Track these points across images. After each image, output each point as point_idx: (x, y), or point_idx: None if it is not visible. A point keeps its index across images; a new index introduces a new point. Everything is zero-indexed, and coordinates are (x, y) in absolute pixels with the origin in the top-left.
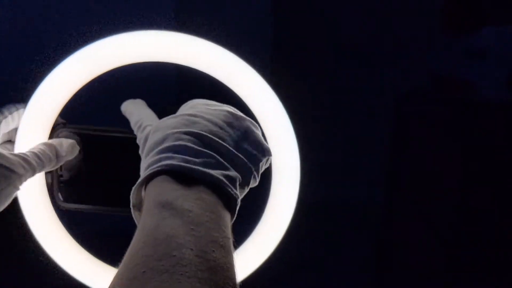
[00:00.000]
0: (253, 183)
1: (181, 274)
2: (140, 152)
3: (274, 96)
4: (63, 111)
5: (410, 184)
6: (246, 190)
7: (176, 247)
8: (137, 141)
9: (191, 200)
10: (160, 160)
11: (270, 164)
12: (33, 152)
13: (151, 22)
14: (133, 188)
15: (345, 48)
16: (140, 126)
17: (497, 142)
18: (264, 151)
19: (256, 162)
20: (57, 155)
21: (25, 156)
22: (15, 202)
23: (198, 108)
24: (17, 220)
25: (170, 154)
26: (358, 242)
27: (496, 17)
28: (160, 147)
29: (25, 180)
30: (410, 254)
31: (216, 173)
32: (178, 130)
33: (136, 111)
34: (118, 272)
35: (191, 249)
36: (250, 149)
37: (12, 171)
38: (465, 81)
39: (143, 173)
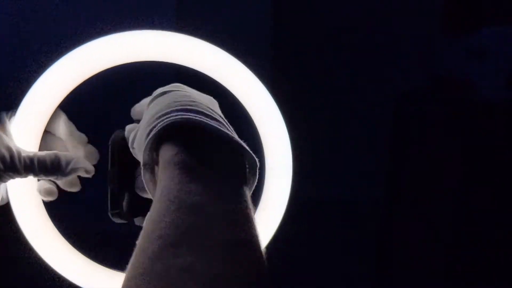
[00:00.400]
0: None
1: (211, 237)
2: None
3: (269, 95)
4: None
5: (410, 184)
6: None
7: (205, 220)
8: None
9: (213, 165)
10: (174, 115)
11: (264, 163)
12: (31, 155)
13: (152, 23)
14: (146, 142)
15: (345, 48)
16: None
17: (497, 142)
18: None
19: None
20: (59, 169)
21: (15, 155)
22: (7, 205)
23: (187, 89)
24: (8, 222)
25: (184, 112)
26: (358, 242)
27: (496, 17)
28: (169, 109)
29: (9, 177)
30: (410, 254)
31: (234, 136)
32: (185, 99)
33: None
34: (140, 243)
35: (219, 223)
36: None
37: None
38: (465, 81)
39: (145, 133)
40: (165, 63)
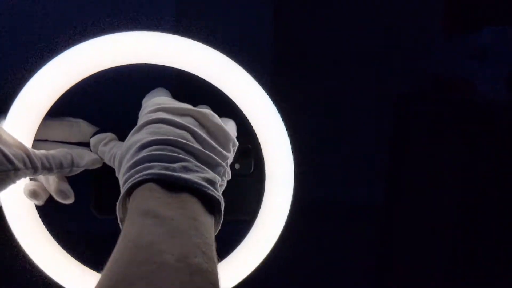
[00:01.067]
0: (228, 176)
1: (161, 279)
2: (116, 165)
3: (268, 99)
4: (60, 112)
5: (410, 184)
6: (224, 185)
7: (157, 253)
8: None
9: (174, 208)
10: (138, 171)
11: (264, 167)
12: (44, 153)
13: (152, 25)
14: (117, 203)
15: (344, 48)
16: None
17: (497, 142)
18: (228, 141)
19: (225, 157)
20: (73, 165)
21: (31, 154)
22: None
23: (164, 108)
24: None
25: (147, 164)
26: (358, 243)
27: (496, 17)
28: (135, 159)
29: (24, 176)
30: (410, 255)
31: (196, 177)
32: (148, 139)
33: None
34: (99, 281)
35: (172, 255)
36: (217, 146)
37: (10, 162)
38: (465, 81)
39: (123, 187)
40: (164, 66)
